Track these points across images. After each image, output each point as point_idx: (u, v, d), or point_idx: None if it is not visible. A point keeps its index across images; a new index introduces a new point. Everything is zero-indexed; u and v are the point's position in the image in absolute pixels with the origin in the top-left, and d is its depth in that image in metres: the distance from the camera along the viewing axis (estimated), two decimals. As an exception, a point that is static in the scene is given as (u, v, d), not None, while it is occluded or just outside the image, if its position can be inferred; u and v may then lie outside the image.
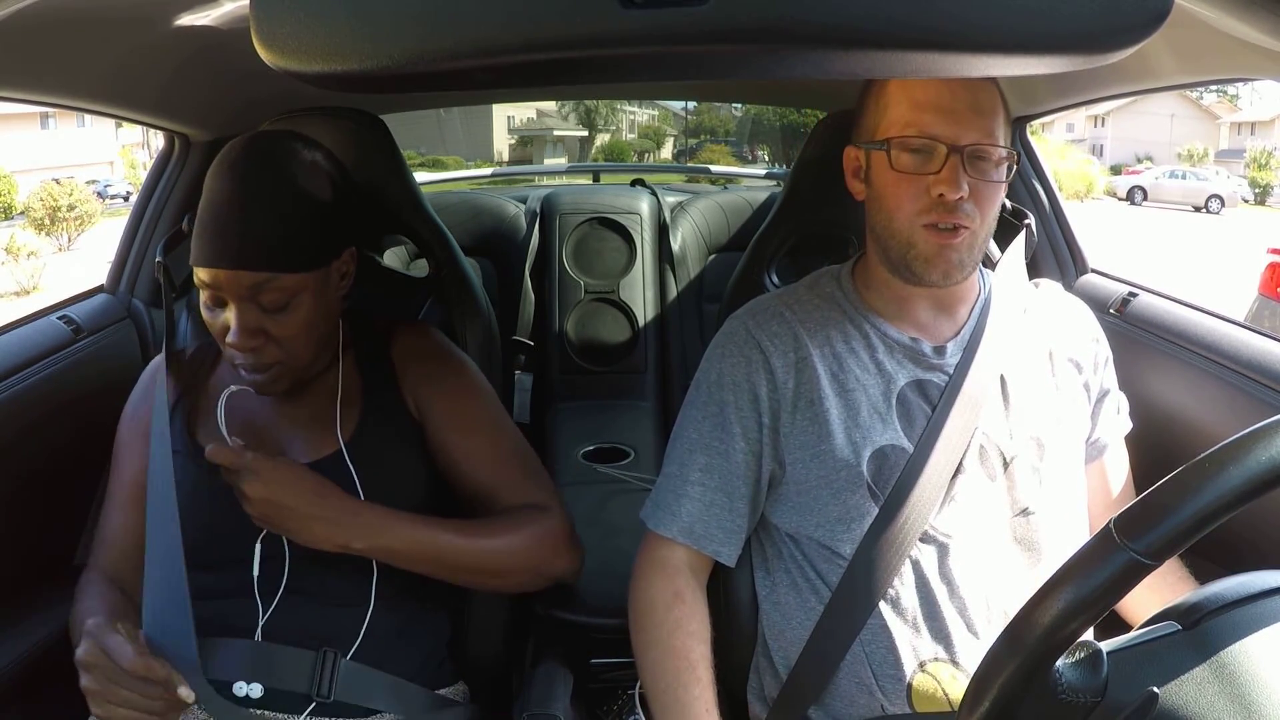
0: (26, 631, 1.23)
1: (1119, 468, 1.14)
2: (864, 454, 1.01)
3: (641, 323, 2.20)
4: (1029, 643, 0.58)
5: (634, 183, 2.58)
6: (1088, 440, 1.11)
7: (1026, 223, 1.32)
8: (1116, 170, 33.15)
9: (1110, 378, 1.13)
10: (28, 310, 1.55)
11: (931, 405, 1.02)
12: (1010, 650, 0.60)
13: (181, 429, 1.17)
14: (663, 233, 2.25)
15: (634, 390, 2.19)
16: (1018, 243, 1.20)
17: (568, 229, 2.22)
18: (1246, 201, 27.12)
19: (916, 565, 0.98)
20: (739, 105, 5.20)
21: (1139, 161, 36.33)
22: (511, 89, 2.01)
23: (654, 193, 2.37)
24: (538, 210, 2.27)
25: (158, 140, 1.81)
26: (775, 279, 1.46)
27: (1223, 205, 24.41)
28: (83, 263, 12.67)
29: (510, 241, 2.24)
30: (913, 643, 0.97)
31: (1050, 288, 1.18)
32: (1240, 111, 41.74)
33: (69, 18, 1.06)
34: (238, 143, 1.07)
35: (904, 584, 0.98)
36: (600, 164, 6.43)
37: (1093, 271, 1.71)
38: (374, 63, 0.63)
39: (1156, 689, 0.58)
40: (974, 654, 0.95)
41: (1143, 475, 1.14)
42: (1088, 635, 0.61)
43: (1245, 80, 1.18)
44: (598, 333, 2.20)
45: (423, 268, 1.52)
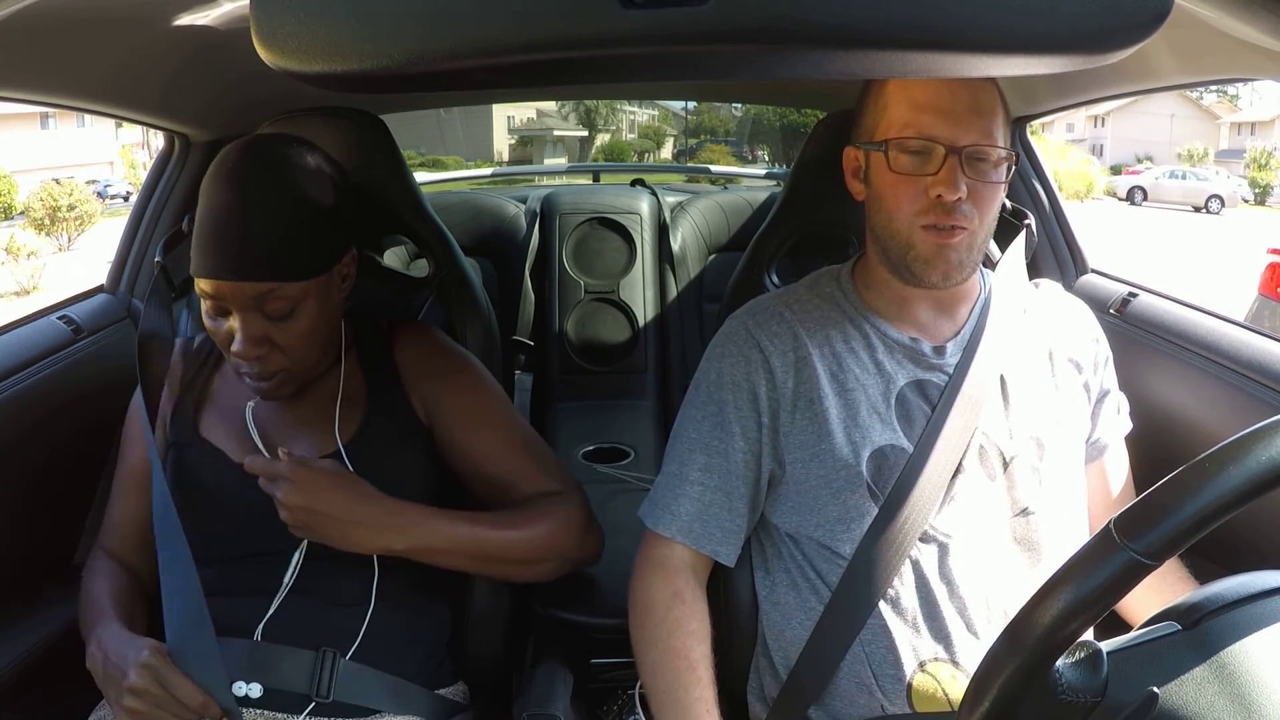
0: (26, 631, 1.23)
1: (1119, 468, 1.14)
2: (863, 454, 1.01)
3: (641, 323, 2.19)
4: (1029, 643, 0.58)
5: (634, 183, 2.58)
6: (1088, 440, 1.11)
7: (1026, 223, 1.31)
8: (1116, 170, 33.14)
9: (1110, 378, 1.13)
10: (27, 310, 1.55)
11: (931, 405, 1.02)
12: (1010, 650, 0.60)
13: (187, 422, 1.17)
14: (663, 233, 2.25)
15: (634, 390, 2.19)
16: (1018, 243, 1.20)
17: (568, 229, 2.22)
18: (1246, 201, 27.11)
19: (916, 565, 0.98)
20: (739, 105, 5.20)
21: (1139, 161, 36.32)
22: (511, 89, 2.01)
23: (654, 193, 2.37)
24: (538, 210, 2.27)
25: (158, 140, 1.81)
26: (775, 279, 1.46)
27: (1223, 205, 24.40)
28: (83, 263, 12.67)
29: (510, 241, 2.24)
30: (913, 643, 0.97)
31: (1050, 288, 1.18)
32: (1240, 111, 41.73)
33: (69, 18, 1.06)
34: (234, 150, 1.06)
35: (904, 584, 0.98)
36: (600, 164, 6.43)
37: (1093, 271, 1.71)
38: (374, 63, 0.63)
39: (1156, 689, 0.58)
40: (974, 654, 0.95)
41: (1143, 475, 1.14)
42: (1088, 635, 0.61)
43: (1245, 80, 1.18)
44: (598, 333, 2.20)
45: (423, 268, 1.51)
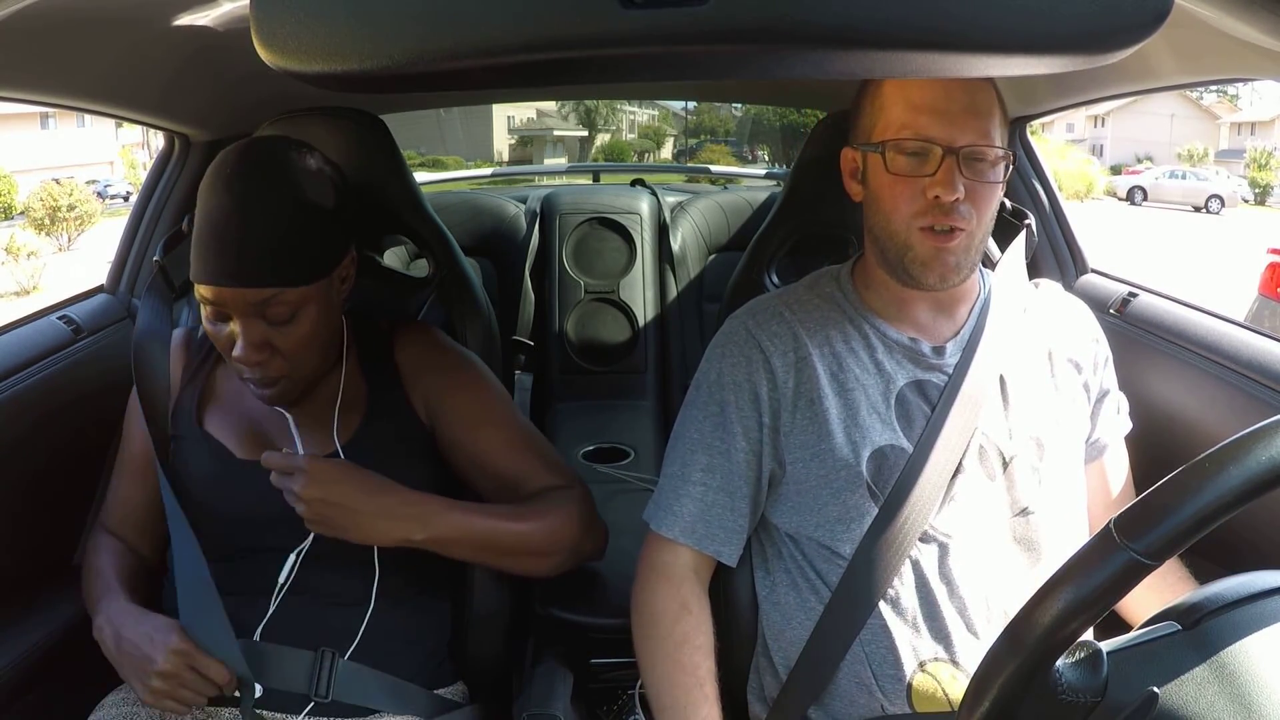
0: (26, 631, 1.23)
1: (1119, 468, 1.14)
2: (863, 454, 1.01)
3: (641, 323, 2.19)
4: (1029, 643, 0.58)
5: (634, 183, 2.58)
6: (1087, 440, 1.11)
7: (1026, 223, 1.31)
8: (1116, 170, 33.13)
9: (1110, 378, 1.13)
10: (27, 310, 1.55)
11: (931, 405, 1.02)
12: (1010, 650, 0.60)
13: (190, 415, 1.17)
14: (663, 233, 2.25)
15: (634, 390, 2.19)
16: (1018, 243, 1.20)
17: (568, 229, 2.22)
18: (1246, 201, 27.10)
19: (916, 565, 0.98)
20: (739, 105, 5.20)
21: (1139, 161, 36.30)
22: (511, 89, 2.01)
23: (654, 193, 2.37)
24: (538, 210, 2.27)
25: (158, 140, 1.81)
26: (775, 279, 1.46)
27: (1223, 205, 24.38)
28: (83, 262, 12.67)
29: (510, 241, 2.24)
30: (913, 643, 0.97)
31: (1050, 288, 1.18)
32: (1240, 111, 41.71)
33: (69, 18, 1.06)
34: (232, 153, 1.05)
35: (904, 584, 0.98)
36: (600, 164, 6.43)
37: (1093, 271, 1.71)
38: (374, 63, 0.63)
39: (1156, 689, 0.58)
40: (974, 654, 0.95)
41: (1143, 475, 1.14)
42: (1088, 635, 0.61)
43: (1245, 80, 1.18)
44: (598, 333, 2.20)
45: (423, 268, 1.51)
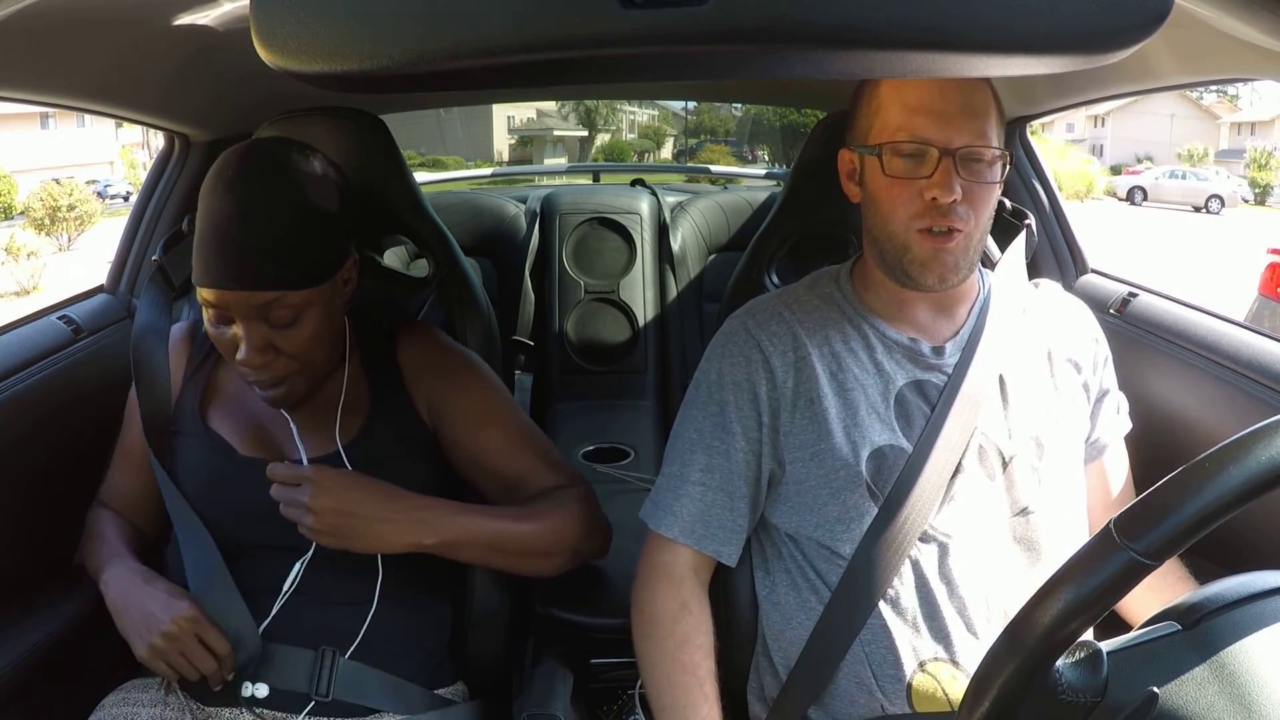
0: (26, 631, 1.23)
1: (1119, 468, 1.14)
2: (862, 454, 1.01)
3: (641, 323, 2.19)
4: (1029, 643, 0.58)
5: (634, 183, 2.58)
6: (1087, 440, 1.11)
7: (1026, 223, 1.32)
8: (1116, 170, 33.11)
9: (1110, 378, 1.13)
10: (27, 310, 1.55)
11: (930, 405, 1.02)
12: (1010, 650, 0.60)
13: (193, 411, 1.17)
14: (663, 233, 2.25)
15: (634, 390, 2.19)
16: (1018, 243, 1.20)
17: (568, 229, 2.22)
18: (1246, 201, 27.09)
19: (916, 565, 0.98)
20: (739, 105, 5.20)
21: (1139, 161, 36.29)
22: (512, 89, 2.01)
23: (654, 193, 2.37)
24: (538, 210, 2.27)
25: (158, 140, 1.81)
26: (775, 279, 1.46)
27: (1223, 205, 24.37)
28: (83, 262, 12.67)
29: (510, 241, 2.24)
30: (913, 643, 0.97)
31: (1050, 288, 1.18)
32: (1240, 111, 41.69)
33: (69, 18, 1.06)
34: (234, 155, 1.04)
35: (904, 584, 0.98)
36: (600, 164, 6.43)
37: (1093, 271, 1.71)
38: (374, 63, 0.63)
39: (1156, 689, 0.58)
40: (974, 654, 0.95)
41: (1143, 475, 1.14)
42: (1088, 635, 0.61)
43: (1245, 80, 1.18)
44: (598, 333, 2.20)
45: (423, 268, 1.51)
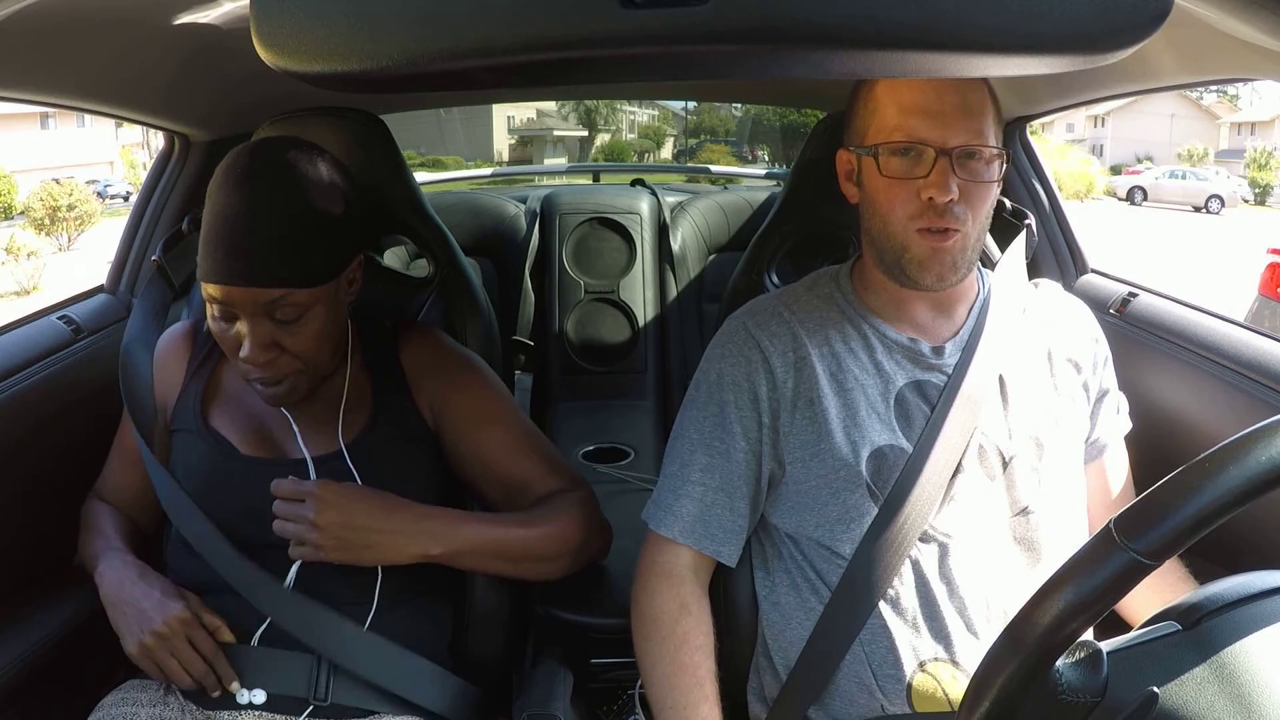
0: (26, 631, 1.23)
1: (1119, 468, 1.14)
2: (862, 454, 1.01)
3: (641, 323, 2.19)
4: (1029, 643, 0.58)
5: (634, 183, 2.58)
6: (1087, 440, 1.11)
7: (1026, 223, 1.32)
8: (1116, 170, 33.10)
9: (1110, 378, 1.13)
10: (28, 310, 1.55)
11: (930, 405, 1.02)
12: (1010, 650, 0.60)
13: (194, 409, 1.17)
14: (663, 233, 2.25)
15: (634, 390, 2.19)
16: (1018, 243, 1.20)
17: (568, 229, 2.22)
18: (1246, 201, 27.08)
19: (916, 565, 0.98)
20: (739, 105, 5.20)
21: (1139, 161, 36.27)
22: (512, 89, 2.01)
23: (654, 193, 2.37)
24: (538, 210, 2.27)
25: (158, 140, 1.81)
26: (775, 279, 1.46)
27: (1223, 205, 24.36)
28: (83, 262, 12.67)
29: (510, 241, 2.24)
30: (912, 643, 0.97)
31: (1050, 288, 1.18)
32: (1240, 111, 41.68)
33: (69, 18, 1.06)
34: (243, 154, 1.04)
35: (904, 584, 0.98)
36: (600, 164, 6.42)
37: (1093, 271, 1.71)
38: (374, 63, 0.63)
39: (1156, 689, 0.58)
40: (974, 654, 0.95)
41: (1143, 475, 1.14)
42: (1088, 635, 0.61)
43: (1245, 80, 1.18)
44: (598, 333, 2.20)
45: (423, 268, 1.51)
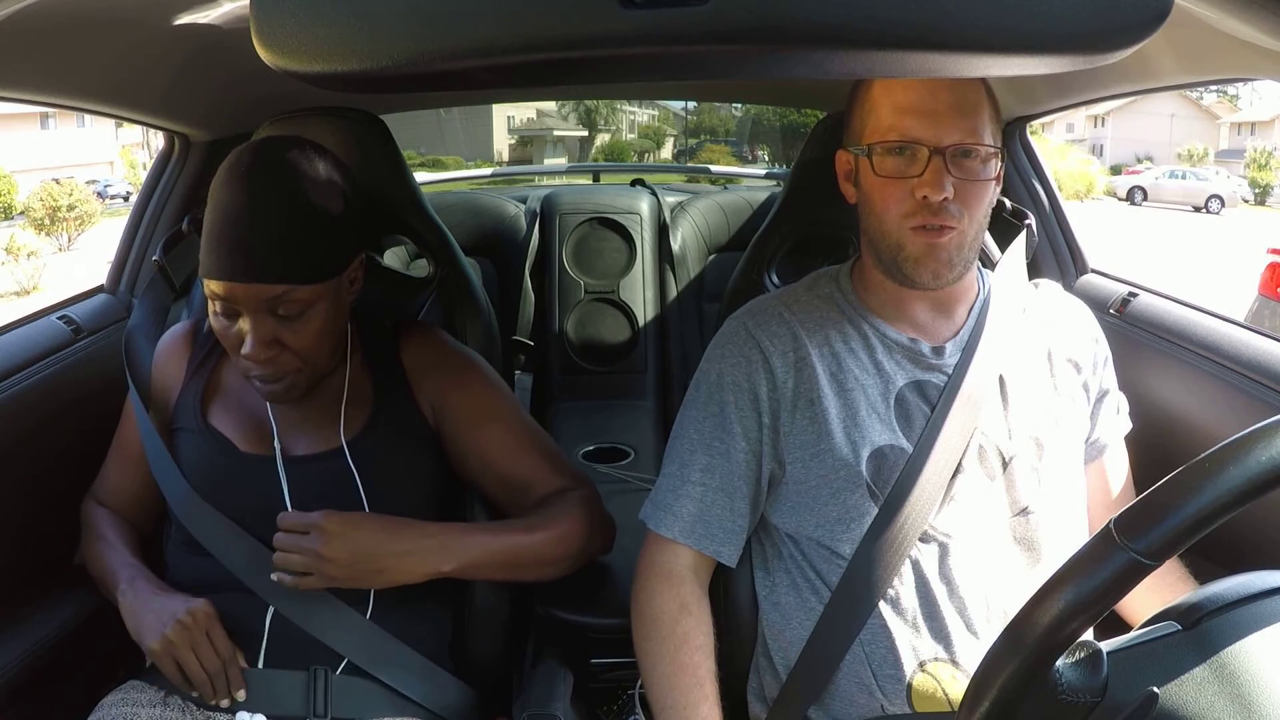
0: (26, 631, 1.23)
1: (1119, 468, 1.14)
2: (863, 454, 1.01)
3: (641, 323, 2.19)
4: (1029, 643, 0.58)
5: (634, 183, 2.58)
6: (1087, 440, 1.11)
7: (1026, 223, 1.32)
8: (1116, 170, 33.10)
9: (1110, 378, 1.13)
10: (27, 310, 1.55)
11: (930, 405, 1.02)
12: (1010, 650, 0.60)
13: (194, 408, 1.17)
14: (663, 233, 2.25)
15: (634, 390, 2.19)
16: (1018, 243, 1.20)
17: (568, 229, 2.22)
18: (1246, 201, 27.08)
19: (916, 565, 0.98)
20: (739, 105, 5.20)
21: (1139, 161, 36.26)
22: (512, 89, 2.01)
23: (654, 193, 2.37)
24: (538, 210, 2.27)
25: (158, 140, 1.81)
26: (775, 279, 1.46)
27: (1222, 205, 24.36)
28: (83, 262, 12.67)
29: (510, 241, 2.24)
30: (912, 643, 0.97)
31: (1050, 288, 1.18)
32: (1240, 111, 41.67)
33: (69, 18, 1.06)
34: (246, 152, 1.05)
35: (904, 584, 0.98)
36: (600, 164, 6.43)
37: (1093, 271, 1.71)
38: (374, 63, 0.63)
39: (1156, 689, 0.58)
40: (974, 654, 0.95)
41: (1143, 475, 1.14)
42: (1088, 635, 0.61)
43: (1245, 80, 1.18)
44: (598, 333, 2.20)
45: (423, 268, 1.51)
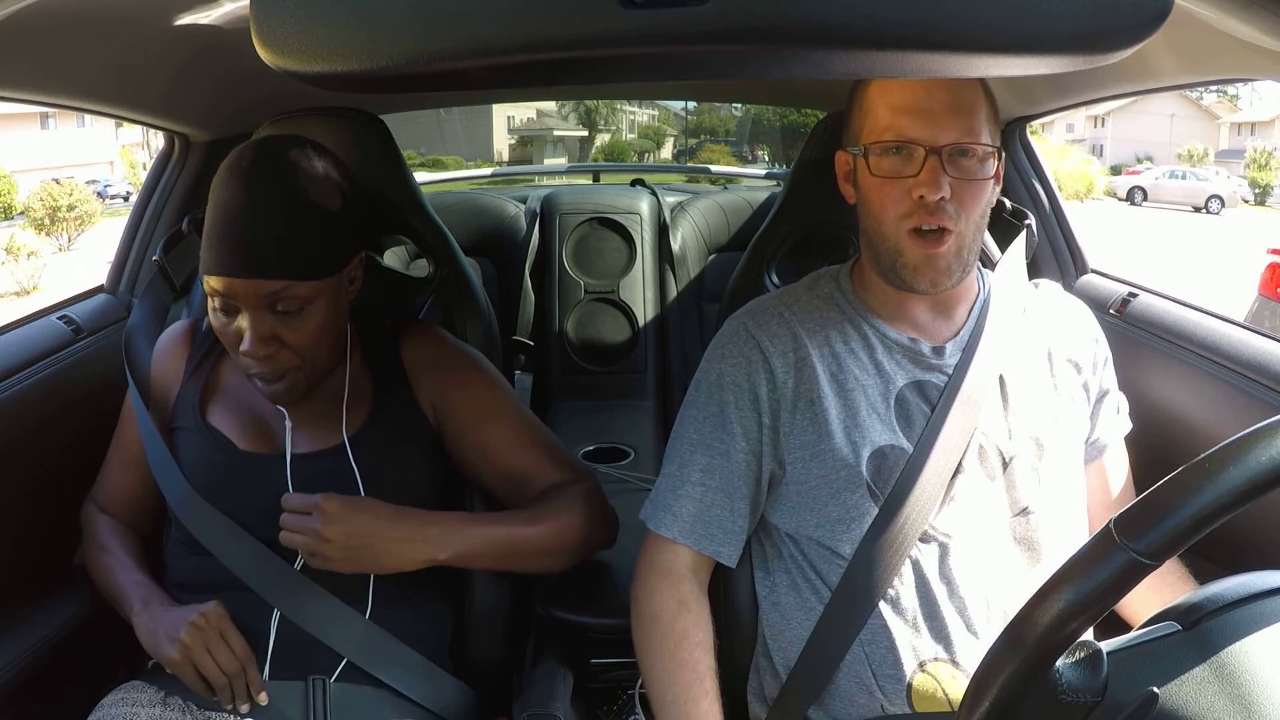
0: (26, 631, 1.23)
1: (1119, 468, 1.14)
2: (863, 454, 1.01)
3: (641, 323, 2.19)
4: (1029, 643, 0.58)
5: (634, 183, 2.58)
6: (1087, 440, 1.11)
7: (1026, 223, 1.32)
8: (1116, 170, 33.10)
9: (1110, 378, 1.13)
10: (27, 310, 1.54)
11: (931, 406, 1.02)
12: (1010, 650, 0.60)
13: (193, 407, 1.17)
14: (663, 233, 2.26)
15: (634, 390, 2.19)
16: (1018, 243, 1.20)
17: (568, 229, 2.22)
18: (1246, 202, 27.08)
19: (916, 565, 0.98)
20: (739, 105, 5.20)
21: (1139, 161, 36.25)
22: (512, 89, 2.01)
23: (654, 193, 2.37)
24: (538, 210, 2.27)
25: (158, 140, 1.81)
26: (775, 279, 1.46)
27: (1222, 205, 24.36)
28: (83, 262, 12.67)
29: (510, 241, 2.24)
30: (913, 643, 0.97)
31: (1050, 288, 1.18)
32: (1240, 111, 41.67)
33: (70, 18, 1.06)
34: (247, 149, 1.06)
35: (904, 584, 0.98)
36: (600, 164, 6.44)
37: (1093, 272, 1.71)
38: (374, 63, 0.63)
39: (1156, 689, 0.58)
40: (974, 654, 0.95)
41: (1143, 475, 1.14)
42: (1088, 635, 0.61)
43: (1245, 80, 1.18)
44: (598, 333, 2.20)
45: (423, 268, 1.51)
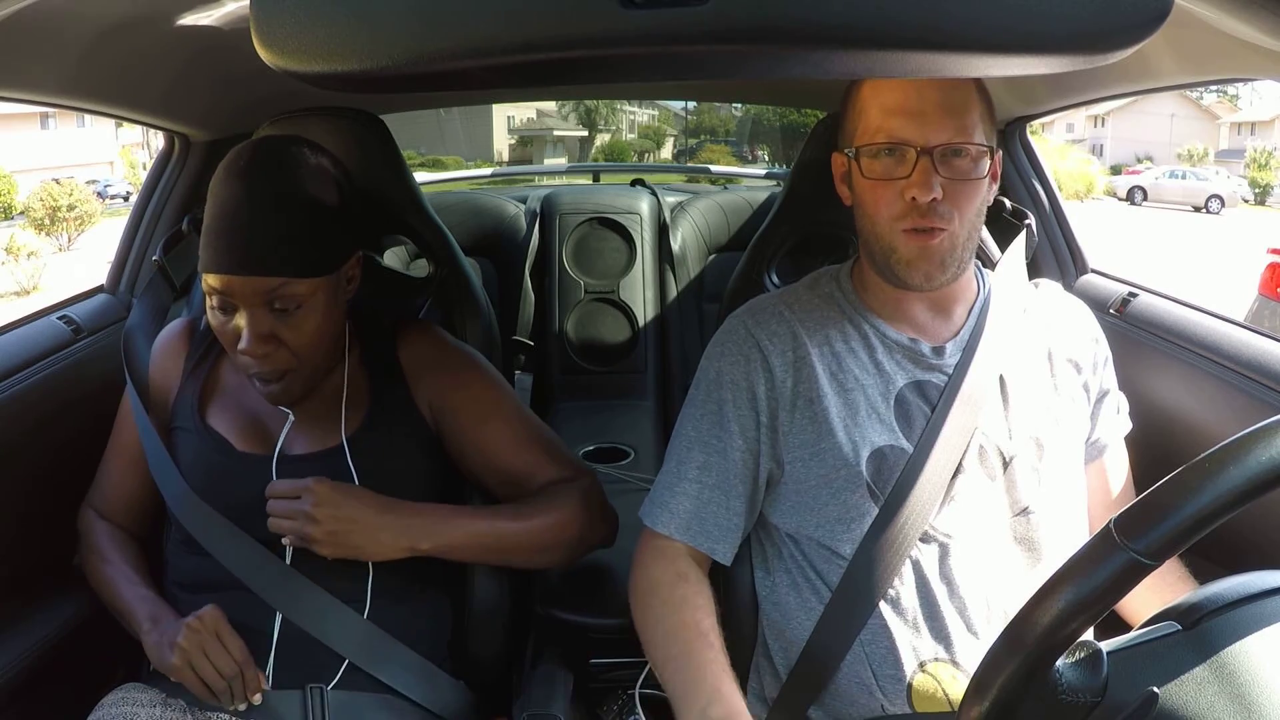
0: (26, 631, 1.23)
1: (1119, 468, 1.14)
2: (863, 454, 1.01)
3: (641, 323, 2.20)
4: (1029, 643, 0.58)
5: (634, 183, 2.58)
6: (1087, 440, 1.11)
7: (1026, 223, 1.32)
8: (1116, 170, 33.11)
9: (1110, 378, 1.13)
10: (27, 310, 1.55)
11: (931, 405, 1.02)
12: (1010, 650, 0.60)
13: (191, 407, 1.18)
14: (663, 233, 2.26)
15: (634, 390, 2.19)
16: (1018, 243, 1.20)
17: (568, 229, 2.23)
18: (1246, 201, 27.07)
19: (916, 565, 0.98)
20: (739, 105, 5.20)
21: (1139, 161, 36.27)
22: (512, 89, 2.01)
23: (654, 193, 2.37)
24: (538, 210, 2.27)
25: (158, 140, 1.81)
26: (775, 279, 1.46)
27: (1222, 205, 24.35)
28: (83, 262, 12.67)
29: (510, 241, 2.24)
30: (913, 643, 0.97)
31: (1050, 288, 1.18)
32: (1240, 111, 41.67)
33: (70, 18, 1.06)
34: (245, 148, 1.07)
35: (904, 584, 0.98)
36: (600, 164, 6.44)
37: (1093, 271, 1.71)
38: (374, 63, 0.63)
39: (1156, 689, 0.58)
40: (974, 654, 0.95)
41: (1143, 475, 1.14)
42: (1088, 635, 0.61)
43: (1245, 80, 1.18)
44: (598, 333, 2.20)
45: (423, 268, 1.51)
